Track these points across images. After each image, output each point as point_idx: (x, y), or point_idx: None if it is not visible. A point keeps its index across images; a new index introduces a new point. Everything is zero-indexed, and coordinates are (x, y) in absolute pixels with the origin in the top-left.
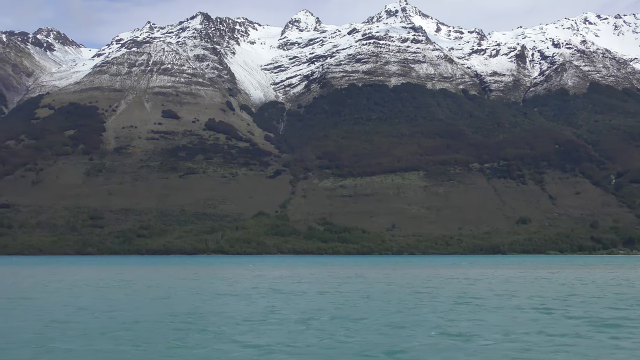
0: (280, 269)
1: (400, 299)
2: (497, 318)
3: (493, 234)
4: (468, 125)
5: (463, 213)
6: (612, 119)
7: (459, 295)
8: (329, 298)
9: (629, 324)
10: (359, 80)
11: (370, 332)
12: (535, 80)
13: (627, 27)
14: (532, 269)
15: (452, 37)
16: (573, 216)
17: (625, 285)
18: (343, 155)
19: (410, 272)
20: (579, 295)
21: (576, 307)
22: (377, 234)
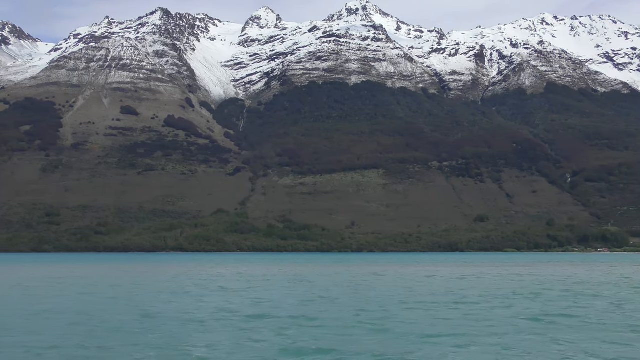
0: (229, 266)
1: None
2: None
3: (451, 232)
4: (427, 123)
5: (422, 211)
6: (568, 118)
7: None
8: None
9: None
10: (320, 78)
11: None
12: (493, 79)
13: (583, 29)
14: (457, 266)
15: (412, 36)
16: (530, 214)
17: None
18: (303, 153)
19: (354, 270)
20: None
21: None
22: (336, 231)
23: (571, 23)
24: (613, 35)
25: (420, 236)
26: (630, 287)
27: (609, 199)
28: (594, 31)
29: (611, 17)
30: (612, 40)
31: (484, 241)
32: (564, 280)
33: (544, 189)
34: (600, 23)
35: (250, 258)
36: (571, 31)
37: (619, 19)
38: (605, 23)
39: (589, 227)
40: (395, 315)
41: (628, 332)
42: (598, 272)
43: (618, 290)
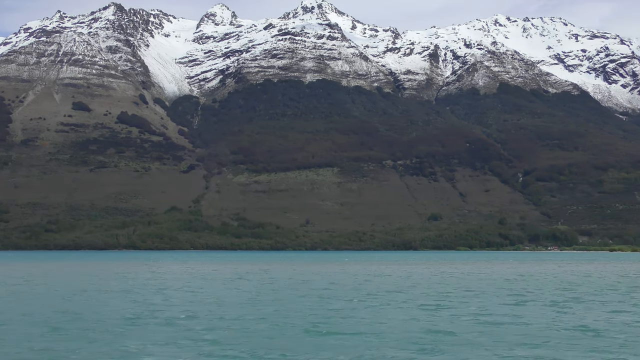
0: (180, 264)
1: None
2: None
3: (405, 230)
4: (382, 122)
5: (376, 209)
6: (520, 118)
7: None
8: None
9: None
10: (275, 75)
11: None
12: (447, 79)
13: (535, 30)
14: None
15: (368, 35)
16: (482, 213)
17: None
18: (257, 151)
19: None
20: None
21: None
22: (291, 229)
23: (523, 24)
24: (564, 37)
25: (374, 234)
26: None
27: (559, 198)
28: (545, 33)
29: (562, 19)
30: (563, 42)
31: (437, 239)
32: (463, 278)
33: (496, 188)
34: (552, 25)
35: (199, 256)
36: (523, 32)
37: (570, 22)
38: (557, 25)
39: (539, 225)
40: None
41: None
42: (503, 269)
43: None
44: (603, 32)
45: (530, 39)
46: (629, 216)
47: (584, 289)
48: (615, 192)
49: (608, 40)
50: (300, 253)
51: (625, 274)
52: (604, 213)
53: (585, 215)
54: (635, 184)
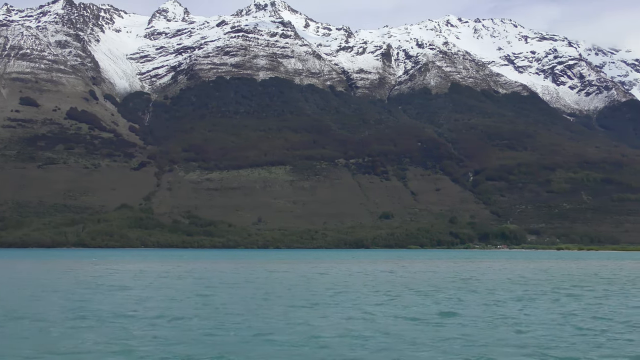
0: (126, 262)
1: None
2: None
3: (357, 229)
4: (334, 121)
5: (328, 208)
6: (471, 118)
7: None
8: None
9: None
10: (227, 73)
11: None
12: (400, 78)
13: (485, 31)
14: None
15: (321, 33)
16: (433, 212)
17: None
18: (210, 148)
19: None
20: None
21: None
22: (243, 227)
23: (474, 25)
24: (514, 39)
25: (327, 233)
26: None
27: (509, 197)
28: (495, 34)
29: (512, 21)
30: (513, 44)
31: (388, 238)
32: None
33: (447, 187)
34: (502, 26)
35: (147, 254)
36: (474, 33)
37: (520, 23)
38: (507, 27)
39: (489, 224)
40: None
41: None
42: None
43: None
44: (552, 35)
45: (481, 40)
46: (575, 215)
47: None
48: (563, 191)
49: (556, 42)
50: (251, 251)
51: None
52: (551, 212)
53: (534, 215)
54: (582, 184)
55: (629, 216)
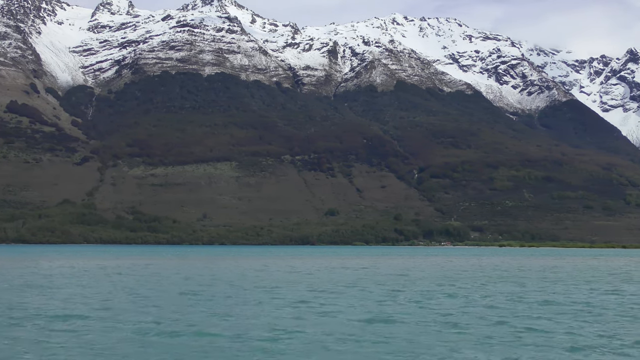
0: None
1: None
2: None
3: (302, 225)
4: (281, 117)
5: (274, 204)
6: (416, 116)
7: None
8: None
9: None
10: (173, 67)
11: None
12: (346, 76)
13: (431, 30)
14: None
15: (267, 29)
16: (378, 209)
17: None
18: (154, 144)
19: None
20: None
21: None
22: (187, 223)
23: (420, 24)
24: (458, 38)
25: (272, 229)
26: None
27: (453, 194)
28: (441, 33)
29: (457, 20)
30: (458, 43)
31: (334, 234)
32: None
33: (392, 184)
34: (447, 25)
35: (88, 250)
36: (420, 32)
37: (464, 23)
38: (452, 26)
39: (433, 221)
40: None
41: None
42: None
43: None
44: (495, 34)
45: (427, 39)
46: (517, 213)
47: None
48: (505, 189)
49: (500, 42)
50: (196, 247)
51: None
52: (494, 210)
53: (477, 212)
54: (524, 181)
55: (568, 214)
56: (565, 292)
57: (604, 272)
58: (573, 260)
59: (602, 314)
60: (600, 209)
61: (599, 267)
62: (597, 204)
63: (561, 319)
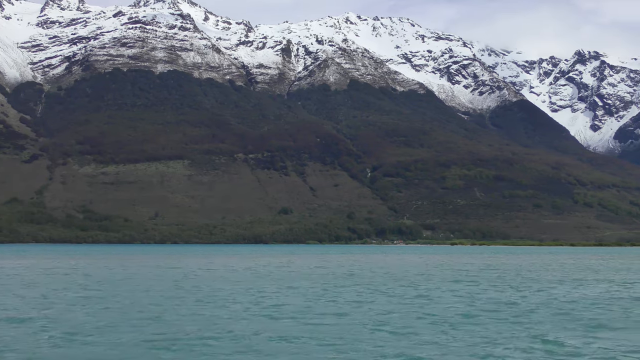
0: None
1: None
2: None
3: (255, 224)
4: (234, 115)
5: (227, 203)
6: (369, 115)
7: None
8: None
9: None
10: (124, 64)
11: None
12: (299, 74)
13: (384, 30)
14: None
15: (220, 27)
16: (332, 207)
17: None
18: (105, 141)
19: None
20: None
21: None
22: (139, 222)
23: (373, 23)
24: (411, 38)
25: (225, 228)
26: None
27: (405, 193)
28: (394, 32)
29: (410, 20)
30: (411, 43)
31: (287, 233)
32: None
33: (345, 182)
34: (400, 25)
35: (33, 250)
36: (373, 31)
37: (417, 23)
38: (405, 26)
39: (386, 220)
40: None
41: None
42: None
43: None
44: (448, 35)
45: (380, 38)
46: (469, 211)
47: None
48: (457, 188)
49: (452, 42)
50: (148, 247)
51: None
52: (446, 208)
53: (429, 210)
54: (475, 180)
55: (518, 212)
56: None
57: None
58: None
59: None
60: (549, 208)
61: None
62: (546, 203)
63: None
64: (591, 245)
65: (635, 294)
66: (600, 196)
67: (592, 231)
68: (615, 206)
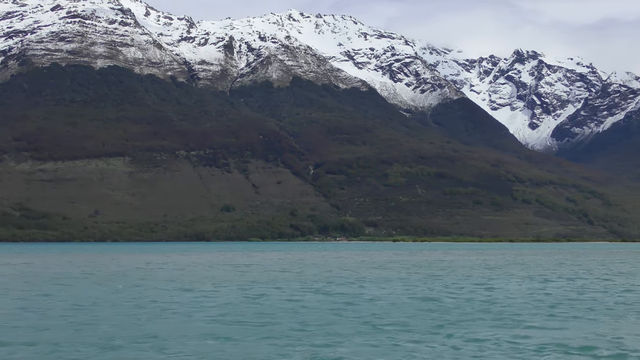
0: None
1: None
2: None
3: (198, 221)
4: (176, 112)
5: (169, 200)
6: (312, 112)
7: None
8: None
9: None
10: (63, 59)
11: None
12: (242, 71)
13: (327, 27)
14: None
15: (162, 22)
16: (274, 204)
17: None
18: (43, 138)
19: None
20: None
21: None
22: (79, 220)
23: (316, 21)
24: (354, 35)
25: (167, 225)
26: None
27: (348, 190)
28: (336, 30)
29: (352, 17)
30: (353, 40)
31: (229, 231)
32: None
33: (288, 180)
34: (343, 23)
35: None
36: (316, 29)
37: (360, 20)
38: (347, 23)
39: (329, 217)
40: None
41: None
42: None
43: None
44: (390, 33)
45: (322, 35)
46: (410, 208)
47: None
48: (399, 185)
49: (394, 40)
50: (87, 245)
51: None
52: (388, 205)
53: (372, 207)
54: (417, 177)
55: (459, 209)
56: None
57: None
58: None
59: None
60: (489, 204)
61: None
62: (486, 200)
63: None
64: (529, 242)
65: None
66: (538, 193)
67: (530, 227)
68: (552, 203)
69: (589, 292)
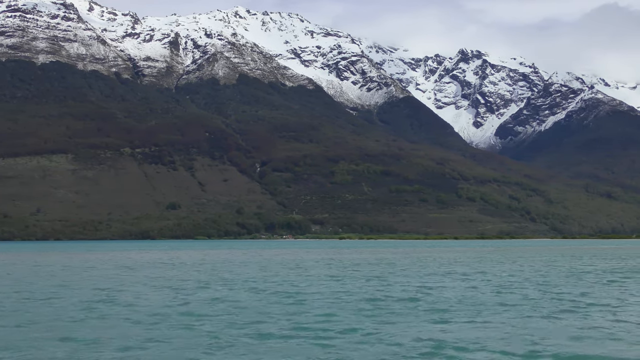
0: None
1: None
2: None
3: (143, 219)
4: (120, 109)
5: (113, 198)
6: (258, 110)
7: None
8: None
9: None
10: (3, 55)
11: None
12: (188, 68)
13: (273, 25)
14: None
15: (106, 18)
16: (221, 202)
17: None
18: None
19: None
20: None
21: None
22: (20, 218)
23: (263, 18)
24: (300, 33)
25: (111, 224)
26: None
27: (294, 188)
28: (283, 28)
29: (299, 15)
30: (300, 38)
31: (175, 229)
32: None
33: (234, 177)
34: (289, 20)
35: None
36: (262, 26)
37: (306, 18)
38: (294, 21)
39: (275, 215)
40: None
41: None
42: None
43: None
44: (336, 31)
45: (269, 33)
46: (357, 206)
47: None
48: (345, 183)
49: (341, 38)
50: (28, 243)
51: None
52: (334, 203)
53: (318, 205)
54: (363, 175)
55: (405, 207)
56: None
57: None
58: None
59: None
60: (434, 202)
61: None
62: (432, 197)
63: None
64: (473, 238)
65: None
66: (482, 191)
67: (475, 225)
68: (496, 200)
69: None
